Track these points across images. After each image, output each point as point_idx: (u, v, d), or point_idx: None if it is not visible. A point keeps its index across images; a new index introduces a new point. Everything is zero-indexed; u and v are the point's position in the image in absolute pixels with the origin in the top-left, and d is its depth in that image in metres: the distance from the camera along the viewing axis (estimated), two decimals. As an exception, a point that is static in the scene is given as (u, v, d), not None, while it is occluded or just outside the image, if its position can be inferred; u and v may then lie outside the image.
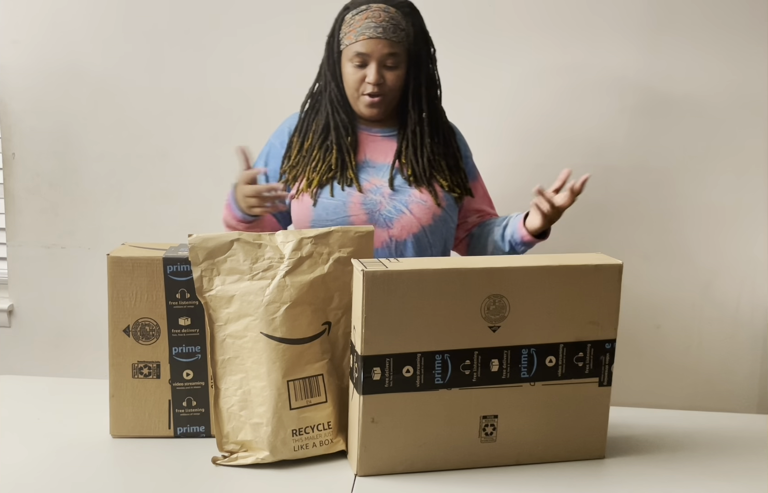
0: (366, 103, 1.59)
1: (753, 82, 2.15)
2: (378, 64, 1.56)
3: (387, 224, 1.59)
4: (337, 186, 1.60)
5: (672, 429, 1.41)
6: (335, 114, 1.63)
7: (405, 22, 1.57)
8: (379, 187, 1.61)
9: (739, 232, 2.22)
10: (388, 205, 1.60)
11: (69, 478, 1.18)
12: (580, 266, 1.21)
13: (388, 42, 1.55)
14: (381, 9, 1.56)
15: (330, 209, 1.59)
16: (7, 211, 2.35)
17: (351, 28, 1.57)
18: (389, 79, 1.58)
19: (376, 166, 1.63)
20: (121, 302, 1.28)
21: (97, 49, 2.26)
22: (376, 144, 1.65)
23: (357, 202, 1.59)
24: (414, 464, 1.21)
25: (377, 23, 1.54)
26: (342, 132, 1.62)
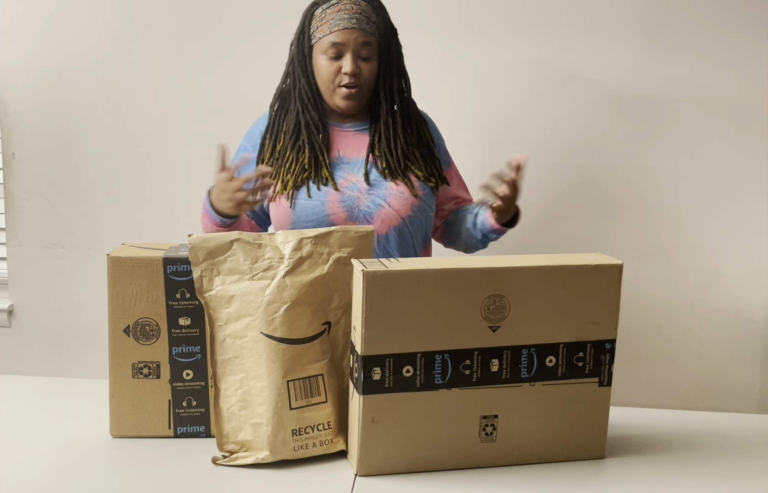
0: (343, 95, 1.59)
1: (752, 82, 2.15)
2: (353, 55, 1.57)
3: (367, 220, 1.60)
4: (313, 186, 1.60)
5: (672, 429, 1.41)
6: (305, 112, 1.62)
7: (375, 16, 1.59)
8: (355, 183, 1.61)
9: (739, 232, 2.22)
10: (366, 200, 1.60)
11: (69, 478, 1.18)
12: (580, 266, 1.21)
13: (363, 32, 1.56)
14: (353, 2, 1.57)
15: (309, 210, 1.59)
16: (7, 211, 2.35)
17: (323, 22, 1.58)
18: (364, 70, 1.59)
19: (350, 162, 1.63)
20: (121, 302, 1.28)
21: (97, 49, 2.26)
22: (349, 139, 1.66)
23: (335, 201, 1.59)
24: (414, 464, 1.21)
25: (351, 14, 1.56)
26: (313, 130, 1.62)
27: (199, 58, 2.24)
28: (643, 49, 2.15)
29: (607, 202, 2.23)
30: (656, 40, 2.15)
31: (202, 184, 2.29)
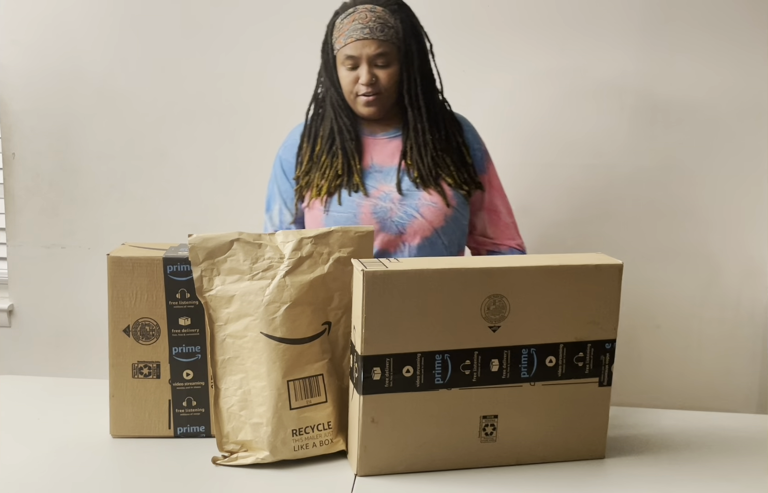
0: (362, 103, 1.59)
1: (753, 82, 2.15)
2: (368, 65, 1.55)
3: (399, 230, 1.59)
4: (345, 193, 1.60)
5: (672, 429, 1.41)
6: (338, 118, 1.63)
7: (393, 19, 1.56)
8: (388, 193, 1.60)
9: (739, 232, 2.22)
10: (398, 211, 1.59)
11: (69, 478, 1.18)
12: (580, 266, 1.21)
13: (376, 41, 1.54)
14: (367, 9, 1.56)
15: (341, 222, 1.58)
16: (7, 211, 2.35)
17: (340, 33, 1.58)
18: (381, 77, 1.57)
19: (383, 171, 1.62)
20: (121, 302, 1.28)
21: (98, 49, 2.26)
22: (382, 147, 1.65)
23: (367, 212, 1.59)
24: (414, 464, 1.21)
25: (363, 24, 1.54)
26: (346, 135, 1.62)
27: (200, 59, 2.24)
28: (644, 48, 2.15)
29: (607, 202, 2.23)
30: (657, 39, 2.15)
31: (202, 184, 2.30)
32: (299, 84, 2.22)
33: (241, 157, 2.27)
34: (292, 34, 2.21)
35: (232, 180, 2.28)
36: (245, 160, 2.27)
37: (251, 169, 2.27)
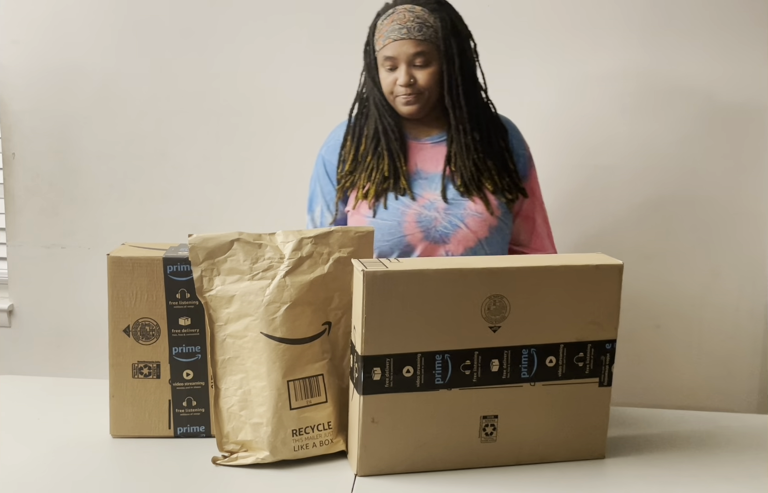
0: (401, 102, 1.57)
1: (753, 82, 2.15)
2: (407, 65, 1.54)
3: (443, 240, 1.57)
4: (391, 196, 1.57)
5: (672, 429, 1.41)
6: (383, 118, 1.61)
7: (432, 19, 1.54)
8: (433, 201, 1.58)
9: (739, 232, 2.22)
10: (443, 220, 1.57)
11: (69, 478, 1.18)
12: (580, 266, 1.21)
13: (413, 41, 1.52)
14: (406, 9, 1.54)
15: (385, 230, 1.56)
16: (7, 211, 2.35)
17: (380, 34, 1.57)
18: (420, 77, 1.54)
19: (428, 177, 1.60)
20: (121, 302, 1.28)
21: (97, 49, 2.26)
22: (426, 152, 1.62)
23: (412, 221, 1.57)
24: (414, 464, 1.21)
25: (401, 24, 1.53)
26: (391, 136, 1.60)
27: (200, 58, 2.24)
28: (645, 48, 2.15)
29: (607, 202, 2.23)
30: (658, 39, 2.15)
31: (202, 184, 2.30)
32: (299, 83, 2.23)
33: (241, 157, 2.27)
34: (293, 34, 2.21)
35: (232, 180, 2.28)
36: (245, 160, 2.27)
37: (251, 169, 2.27)
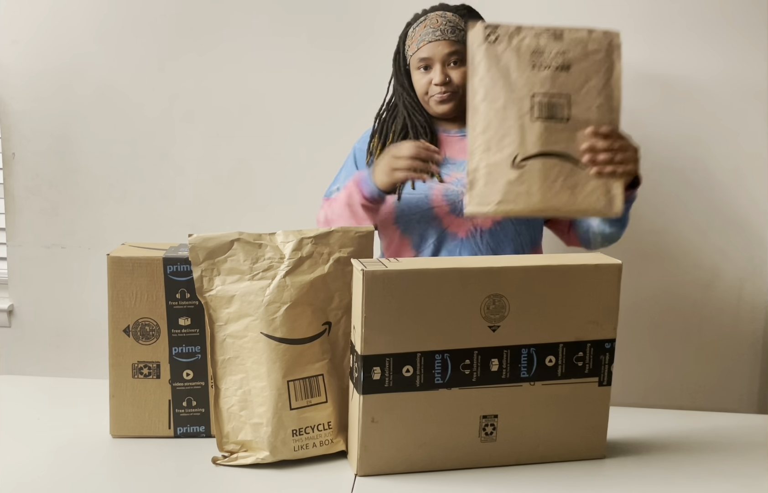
0: (436, 101, 1.63)
1: (754, 81, 2.15)
2: (441, 65, 1.61)
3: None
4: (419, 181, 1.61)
5: (672, 429, 1.42)
6: (412, 116, 1.67)
7: (463, 23, 1.63)
8: (459, 179, 1.62)
9: (739, 232, 2.22)
10: None
11: (69, 478, 1.18)
12: (580, 266, 1.21)
13: (448, 42, 1.61)
14: (438, 15, 1.64)
15: (413, 203, 1.62)
16: (7, 211, 2.35)
17: (413, 40, 1.65)
18: (455, 76, 1.62)
19: (455, 163, 1.65)
20: (121, 302, 1.28)
21: (98, 49, 2.26)
22: (455, 144, 1.67)
23: (439, 194, 1.61)
24: (414, 464, 1.21)
25: (435, 28, 1.62)
26: (420, 130, 1.66)
27: (200, 58, 2.24)
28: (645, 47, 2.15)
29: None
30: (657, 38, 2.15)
31: (202, 184, 2.30)
32: (299, 83, 2.23)
33: (241, 157, 2.27)
34: (293, 34, 2.21)
35: (232, 180, 2.28)
36: (245, 160, 2.27)
37: (251, 168, 2.27)
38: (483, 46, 1.43)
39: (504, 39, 1.43)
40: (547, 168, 1.40)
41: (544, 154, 1.40)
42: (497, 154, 1.40)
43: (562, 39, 1.44)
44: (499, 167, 1.39)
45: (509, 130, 1.40)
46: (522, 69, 1.41)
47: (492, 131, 1.41)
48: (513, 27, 1.44)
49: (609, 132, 1.41)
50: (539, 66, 1.42)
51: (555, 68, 1.42)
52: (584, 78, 1.44)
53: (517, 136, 1.39)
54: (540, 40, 1.43)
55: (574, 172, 1.42)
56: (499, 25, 1.44)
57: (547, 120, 1.42)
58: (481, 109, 1.42)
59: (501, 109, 1.41)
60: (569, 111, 1.42)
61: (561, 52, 1.43)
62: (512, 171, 1.39)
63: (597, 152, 1.39)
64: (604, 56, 1.45)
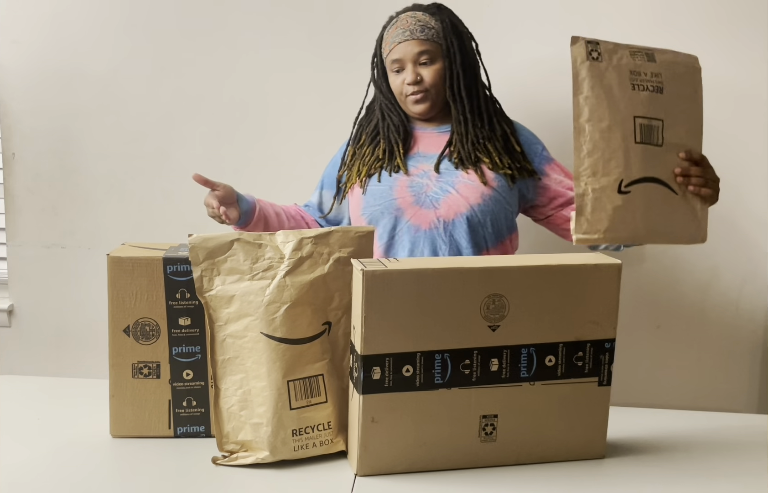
0: (412, 102, 1.66)
1: (753, 81, 2.15)
2: (413, 64, 1.64)
3: (434, 205, 1.62)
4: (385, 173, 1.66)
5: (672, 429, 1.42)
6: (386, 117, 1.71)
7: (433, 21, 1.65)
8: (426, 171, 1.65)
9: (739, 232, 2.22)
10: (434, 186, 1.63)
11: (69, 478, 1.18)
12: (580, 266, 1.21)
13: (417, 41, 1.63)
14: (408, 16, 1.66)
15: (377, 195, 1.65)
16: (7, 211, 2.35)
17: (386, 42, 1.68)
18: (426, 75, 1.64)
19: (426, 156, 1.68)
20: (121, 302, 1.28)
21: (98, 49, 2.26)
22: (431, 139, 1.70)
23: (403, 185, 1.64)
24: (414, 464, 1.21)
25: (405, 28, 1.64)
26: (392, 128, 1.69)
27: (200, 58, 2.24)
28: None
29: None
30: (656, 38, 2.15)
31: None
32: (299, 83, 2.23)
33: (242, 157, 2.27)
34: (293, 33, 2.21)
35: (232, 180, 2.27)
36: (245, 160, 2.27)
37: (251, 169, 2.27)
38: (586, 63, 1.40)
39: (605, 57, 1.41)
40: (648, 193, 1.39)
41: (647, 179, 1.39)
42: (604, 178, 1.37)
43: (654, 60, 1.43)
44: (606, 192, 1.37)
45: (615, 153, 1.38)
46: (624, 89, 1.39)
47: (598, 154, 1.38)
48: (611, 44, 1.41)
49: (700, 159, 1.44)
50: (638, 87, 1.40)
51: (651, 90, 1.41)
52: (675, 101, 1.43)
53: (623, 160, 1.37)
54: (636, 60, 1.41)
55: (669, 198, 1.42)
56: (599, 41, 1.41)
57: (646, 143, 1.40)
58: (586, 129, 1.39)
59: (606, 130, 1.38)
60: (663, 134, 1.41)
61: (655, 74, 1.42)
62: (618, 197, 1.37)
63: (690, 177, 1.41)
64: (690, 80, 1.46)
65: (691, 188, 1.42)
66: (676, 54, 1.46)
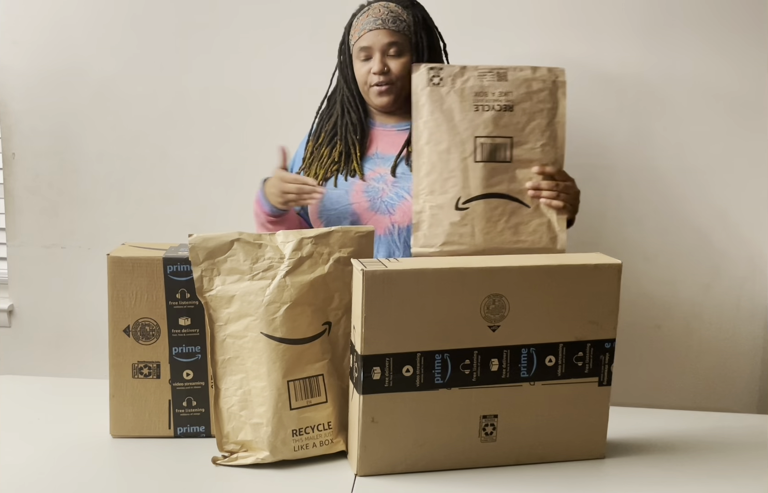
0: (375, 93, 1.64)
1: (753, 81, 2.15)
2: (381, 54, 1.62)
3: (389, 210, 1.61)
4: (341, 177, 1.65)
5: (672, 429, 1.41)
6: (345, 115, 1.69)
7: (405, 14, 1.64)
8: (382, 175, 1.64)
9: (739, 232, 2.22)
10: (389, 192, 1.62)
11: (69, 478, 1.18)
12: (580, 266, 1.21)
13: (388, 31, 1.61)
14: (381, 5, 1.64)
15: (333, 199, 1.64)
16: (7, 211, 2.35)
17: (356, 29, 1.66)
18: (394, 67, 1.62)
19: (384, 157, 1.66)
20: (121, 302, 1.28)
21: (98, 49, 2.26)
22: (390, 138, 1.68)
23: (359, 191, 1.63)
24: (414, 464, 1.21)
25: (377, 17, 1.62)
26: (350, 129, 1.67)
27: (200, 58, 2.24)
28: (644, 47, 2.15)
29: (606, 202, 2.23)
30: (657, 38, 2.15)
31: (202, 184, 2.30)
32: (299, 83, 2.22)
33: (241, 157, 2.27)
34: (292, 33, 2.21)
35: (232, 180, 2.28)
36: (245, 160, 2.27)
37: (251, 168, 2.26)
38: (427, 89, 1.47)
39: (447, 81, 1.46)
40: (489, 209, 1.46)
41: (487, 195, 1.46)
42: (441, 196, 1.45)
43: (506, 79, 1.47)
44: (443, 210, 1.45)
45: (452, 172, 1.45)
46: (465, 111, 1.45)
47: (436, 174, 1.46)
48: (457, 68, 1.47)
49: (554, 172, 1.48)
50: (482, 107, 1.46)
51: (498, 109, 1.46)
52: (527, 118, 1.48)
53: (461, 179, 1.45)
54: (484, 81, 1.46)
55: (517, 211, 1.47)
56: (443, 66, 1.47)
57: (490, 161, 1.46)
58: (425, 151, 1.46)
59: (444, 152, 1.46)
60: (512, 151, 1.47)
61: (504, 93, 1.47)
62: (456, 213, 1.45)
63: (541, 191, 1.46)
64: (548, 95, 1.50)
65: (542, 201, 1.46)
66: (536, 69, 1.50)
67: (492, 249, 1.45)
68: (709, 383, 2.29)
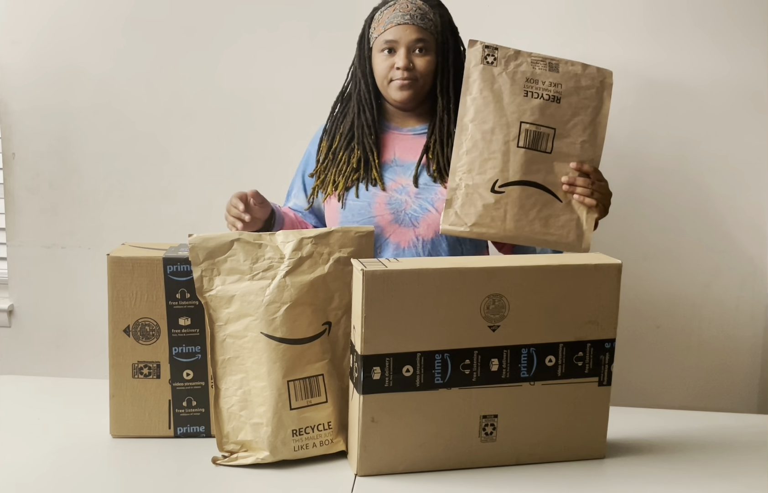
0: (396, 86, 1.60)
1: (753, 81, 2.15)
2: (407, 50, 1.59)
3: (413, 223, 1.60)
4: (362, 186, 1.62)
5: (672, 429, 1.42)
6: (361, 114, 1.66)
7: (432, 13, 1.62)
8: (405, 186, 1.62)
9: (739, 232, 2.22)
10: (413, 204, 1.60)
11: (69, 478, 1.18)
12: (580, 266, 1.21)
13: (416, 27, 1.59)
14: (408, 1, 1.61)
15: (356, 211, 1.62)
16: (7, 211, 2.35)
17: (379, 22, 1.62)
18: (419, 64, 1.60)
19: (403, 165, 1.64)
20: (121, 302, 1.28)
21: (98, 49, 2.26)
22: (407, 143, 1.66)
23: (382, 202, 1.61)
24: (414, 464, 1.21)
25: (405, 12, 1.59)
26: (366, 131, 1.64)
27: (200, 58, 2.24)
28: (644, 47, 2.15)
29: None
30: (657, 38, 2.15)
31: (202, 184, 2.30)
32: (300, 83, 2.23)
33: (242, 157, 2.27)
34: (293, 34, 2.21)
35: (232, 180, 2.28)
36: (245, 160, 2.27)
37: (251, 168, 2.27)
38: (479, 67, 1.46)
39: (501, 62, 1.46)
40: (524, 196, 1.45)
41: (524, 182, 1.45)
42: (479, 176, 1.45)
43: (557, 70, 1.47)
44: (479, 190, 1.44)
45: (493, 154, 1.45)
46: (515, 95, 1.45)
47: (477, 152, 1.45)
48: (512, 51, 1.47)
49: (590, 171, 1.48)
50: (532, 94, 1.45)
51: (546, 99, 1.46)
52: (573, 112, 1.48)
53: (500, 162, 1.44)
54: (536, 69, 1.46)
55: (549, 203, 1.47)
56: (498, 47, 1.46)
57: (531, 149, 1.46)
58: (469, 128, 1.46)
59: (489, 131, 1.45)
60: (553, 143, 1.46)
61: (554, 84, 1.46)
62: (491, 195, 1.44)
63: (575, 187, 1.46)
64: (595, 93, 1.50)
65: (575, 197, 1.47)
66: (586, 67, 1.50)
67: (521, 236, 1.45)
68: (709, 383, 2.29)
